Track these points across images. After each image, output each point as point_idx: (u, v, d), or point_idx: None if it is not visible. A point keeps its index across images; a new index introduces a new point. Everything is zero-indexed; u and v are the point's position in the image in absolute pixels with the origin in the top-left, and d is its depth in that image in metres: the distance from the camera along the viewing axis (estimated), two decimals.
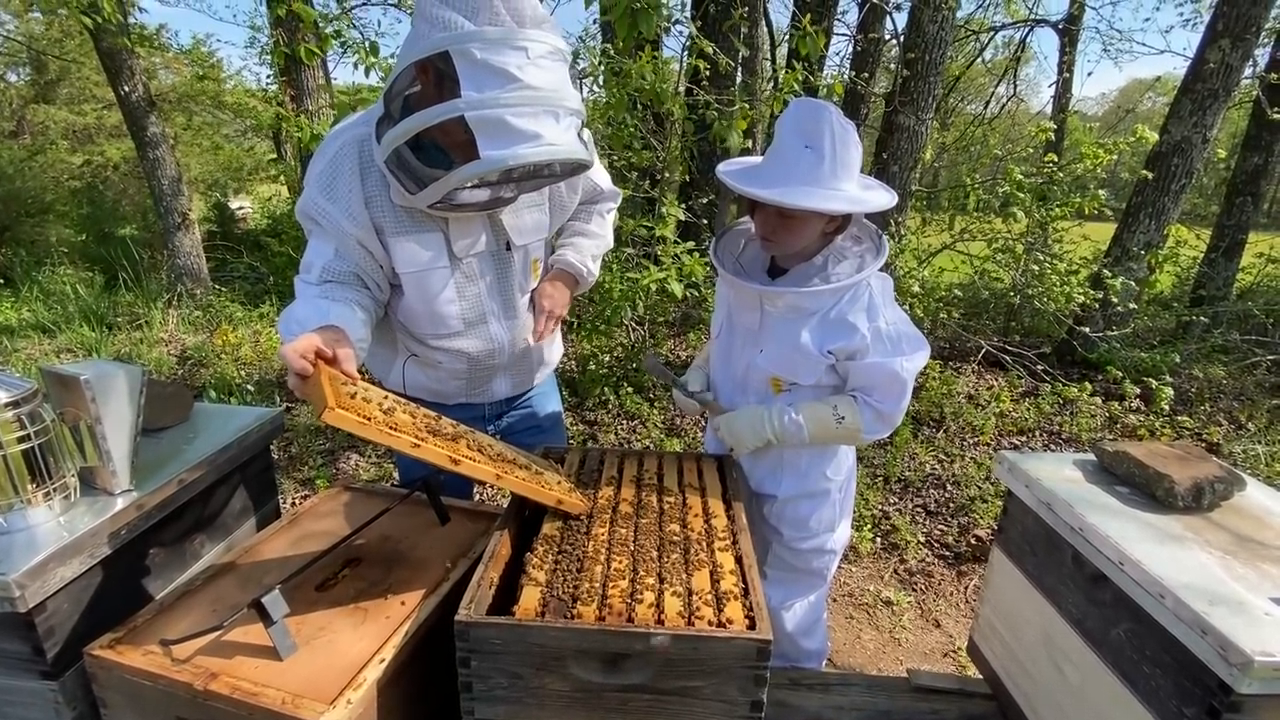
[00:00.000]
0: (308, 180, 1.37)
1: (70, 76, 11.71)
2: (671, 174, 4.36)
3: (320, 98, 5.61)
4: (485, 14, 1.15)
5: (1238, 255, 6.34)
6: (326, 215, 1.33)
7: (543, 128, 1.19)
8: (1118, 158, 4.50)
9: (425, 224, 1.39)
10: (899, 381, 1.44)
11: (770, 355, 1.50)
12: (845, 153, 1.34)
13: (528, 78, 1.17)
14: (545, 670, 1.00)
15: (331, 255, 1.35)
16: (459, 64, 1.15)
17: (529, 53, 1.18)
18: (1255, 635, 0.90)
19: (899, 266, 4.63)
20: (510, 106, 1.16)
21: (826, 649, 1.88)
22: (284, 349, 1.12)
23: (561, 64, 1.25)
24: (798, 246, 1.45)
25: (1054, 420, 4.06)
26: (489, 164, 1.18)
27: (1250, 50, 4.51)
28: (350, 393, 1.13)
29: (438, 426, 1.25)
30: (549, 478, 1.35)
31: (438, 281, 1.44)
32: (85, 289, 6.59)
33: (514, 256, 1.52)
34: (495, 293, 1.52)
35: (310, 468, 3.54)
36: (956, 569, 2.92)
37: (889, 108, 4.51)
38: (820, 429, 1.47)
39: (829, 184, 1.33)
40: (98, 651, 1.05)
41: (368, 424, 1.07)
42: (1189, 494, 1.23)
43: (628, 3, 2.66)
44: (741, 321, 1.57)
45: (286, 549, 1.36)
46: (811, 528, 1.63)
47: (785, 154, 1.36)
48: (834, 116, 1.32)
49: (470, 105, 1.15)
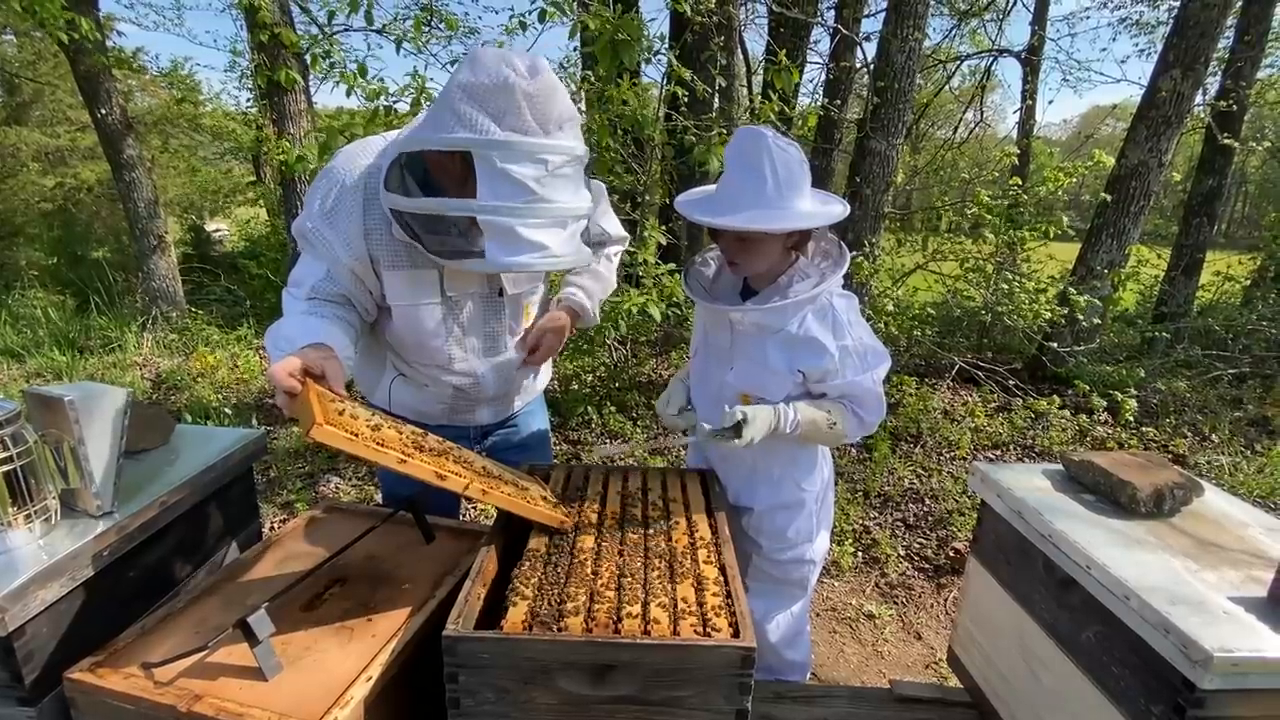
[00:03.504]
0: (309, 199, 1.39)
1: (44, 99, 11.57)
2: (652, 197, 4.44)
3: (302, 121, 5.63)
4: (512, 118, 1.18)
5: (1196, 273, 6.60)
6: (323, 239, 1.35)
7: (549, 239, 1.24)
8: (1079, 181, 4.68)
9: (422, 262, 1.40)
10: (872, 394, 1.52)
11: (740, 372, 1.55)
12: (787, 172, 1.39)
13: (544, 190, 1.21)
14: (533, 683, 1.01)
15: (323, 275, 1.37)
16: (479, 166, 1.18)
17: (549, 165, 1.21)
18: (1215, 633, 0.95)
19: (874, 286, 4.74)
20: (522, 218, 1.20)
21: (810, 661, 1.89)
22: (273, 368, 1.13)
23: (578, 168, 1.30)
24: (762, 266, 1.50)
25: (1027, 434, 4.16)
26: (492, 266, 1.25)
27: (1200, 79, 4.76)
28: (338, 409, 1.15)
29: (424, 443, 1.26)
30: (534, 493, 1.37)
31: (427, 317, 1.45)
32: (56, 312, 6.46)
33: (505, 302, 1.54)
34: (481, 333, 1.54)
35: (290, 491, 3.49)
36: (936, 581, 2.96)
37: (861, 133, 4.65)
38: (812, 430, 1.51)
39: (776, 204, 1.39)
40: (77, 675, 1.03)
41: (355, 440, 1.08)
42: (1150, 500, 1.28)
43: (609, 35, 2.74)
44: (715, 341, 1.63)
45: (271, 569, 1.35)
46: (790, 539, 1.66)
47: (732, 181, 1.43)
48: (770, 140, 1.37)
49: (484, 210, 1.19)
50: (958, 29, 9.43)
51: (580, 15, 3.32)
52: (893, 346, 5.34)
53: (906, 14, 4.35)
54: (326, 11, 5.39)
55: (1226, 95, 5.92)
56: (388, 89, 3.74)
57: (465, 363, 1.54)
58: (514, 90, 1.17)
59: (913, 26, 4.38)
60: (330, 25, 5.45)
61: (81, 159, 11.38)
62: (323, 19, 5.80)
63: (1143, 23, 10.11)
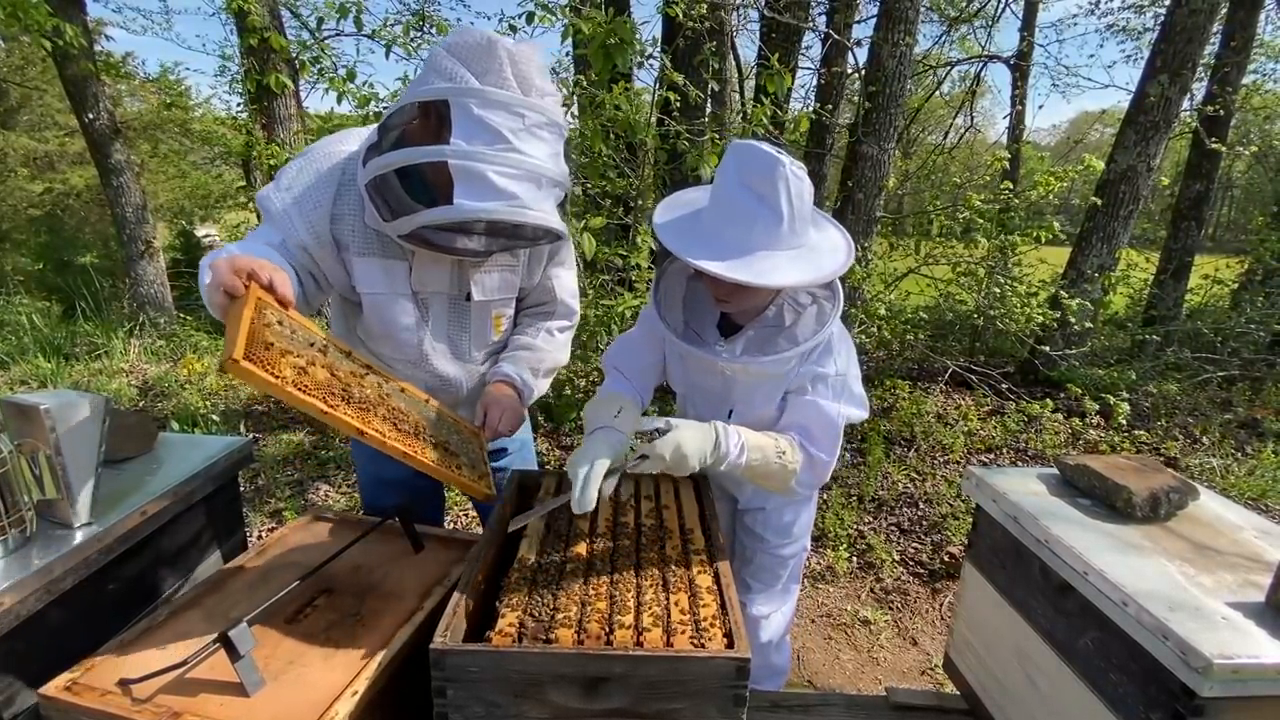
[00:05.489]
0: (280, 174, 1.37)
1: (31, 104, 11.48)
2: (645, 201, 4.43)
3: (293, 125, 5.60)
4: (493, 76, 1.19)
5: (1185, 277, 6.66)
6: (284, 214, 1.33)
7: (521, 190, 1.22)
8: (1069, 185, 4.72)
9: (393, 252, 1.39)
10: (833, 428, 1.38)
11: (742, 416, 1.45)
12: (802, 205, 1.24)
13: (518, 142, 1.20)
14: (523, 697, 0.99)
15: (277, 243, 1.34)
16: (455, 114, 1.18)
17: (525, 120, 1.21)
18: (1214, 639, 0.93)
19: (867, 290, 4.75)
20: (494, 164, 1.18)
21: (789, 664, 1.89)
22: (217, 261, 1.06)
23: (557, 138, 1.28)
24: (760, 303, 1.40)
25: (1020, 437, 4.17)
26: (460, 212, 1.19)
27: (1188, 85, 4.81)
28: (267, 342, 1.06)
29: (357, 389, 1.19)
30: (462, 460, 1.34)
31: (398, 310, 1.44)
32: (42, 319, 6.38)
33: (472, 308, 1.52)
34: (446, 337, 1.52)
35: (278, 499, 3.45)
36: (931, 586, 2.95)
37: (853, 138, 4.67)
38: (762, 463, 1.33)
39: (789, 243, 1.24)
40: (52, 693, 1.00)
41: (275, 382, 1.00)
42: (1146, 504, 1.27)
43: (602, 39, 2.73)
44: (701, 383, 1.52)
45: (255, 581, 1.32)
46: (795, 533, 1.67)
47: (735, 212, 1.24)
48: (789, 170, 1.20)
49: (456, 154, 1.17)
50: (948, 35, 9.51)
51: (572, 19, 3.32)
52: (886, 350, 5.36)
53: (897, 19, 4.37)
54: (316, 17, 5.37)
55: (1213, 100, 5.98)
56: (378, 94, 3.73)
57: (435, 361, 1.52)
58: (496, 48, 1.19)
59: (904, 32, 4.40)
60: (320, 30, 5.43)
61: (70, 164, 11.31)
62: (313, 24, 5.78)
63: (1130, 29, 10.22)
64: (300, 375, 1.09)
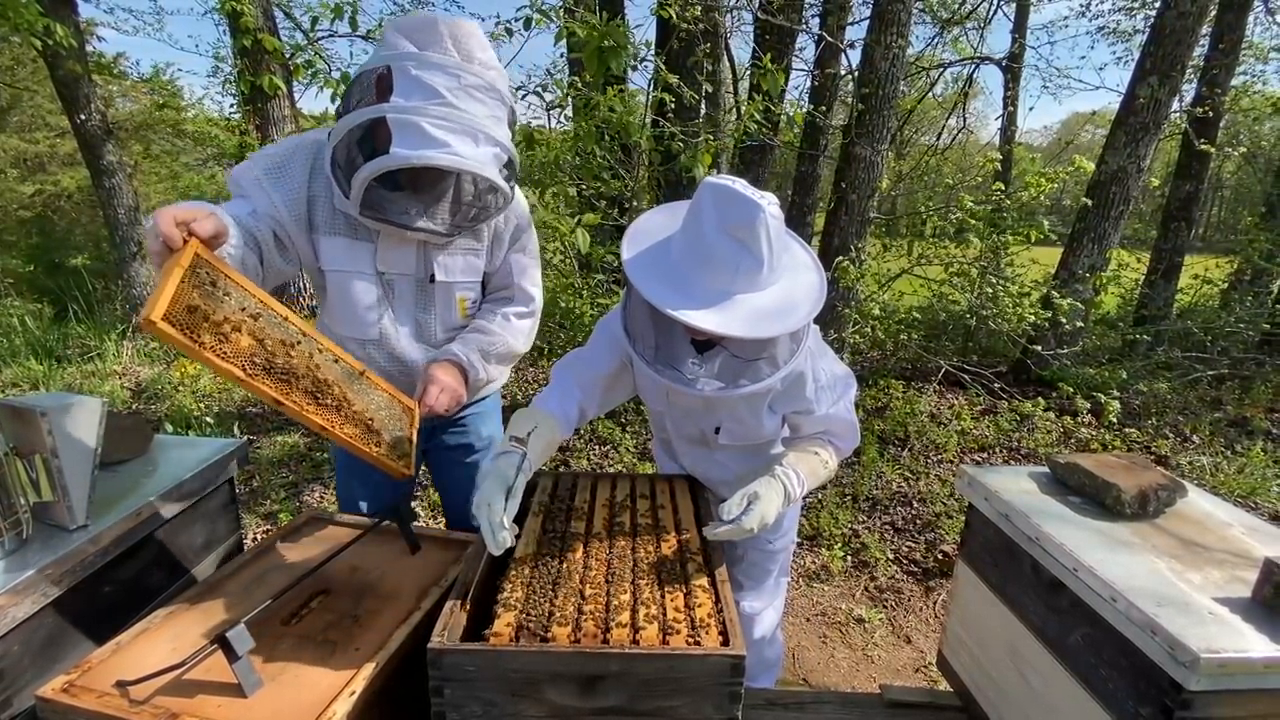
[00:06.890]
0: (255, 156, 1.41)
1: (22, 104, 11.40)
2: (639, 202, 4.44)
3: (286, 127, 5.58)
4: (435, 46, 1.28)
5: (1176, 277, 6.71)
6: (258, 185, 1.38)
7: (456, 141, 1.27)
8: (1060, 186, 4.75)
9: (361, 234, 1.45)
10: (849, 423, 1.50)
11: (731, 433, 1.51)
12: (779, 241, 1.24)
13: (454, 99, 1.27)
14: (521, 696, 0.99)
15: (247, 211, 1.36)
16: (395, 77, 1.26)
17: (461, 80, 1.28)
18: (1201, 634, 0.95)
19: (860, 291, 4.77)
20: (429, 117, 1.24)
21: (781, 657, 1.91)
22: (157, 211, 1.07)
23: (497, 103, 1.33)
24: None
25: (1012, 436, 4.19)
26: (395, 160, 1.24)
27: (1177, 86, 4.85)
28: (210, 280, 1.05)
29: (283, 359, 1.17)
30: (382, 438, 1.35)
31: (361, 290, 1.48)
32: (33, 321, 6.34)
33: (435, 290, 1.55)
34: (412, 319, 1.56)
35: (273, 501, 3.44)
36: (925, 585, 2.97)
37: (846, 140, 4.69)
38: (814, 480, 1.45)
39: (769, 281, 1.25)
40: (50, 695, 1.00)
41: (192, 346, 0.98)
42: (1135, 501, 1.29)
43: (597, 42, 2.74)
44: (682, 403, 1.52)
45: (251, 582, 1.32)
46: (784, 527, 1.70)
47: (714, 258, 1.21)
48: (768, 214, 1.18)
49: (394, 110, 1.24)
50: (940, 37, 9.57)
51: (567, 22, 3.33)
52: (880, 350, 5.39)
53: (890, 21, 4.40)
54: (310, 17, 5.35)
55: (1202, 102, 6.04)
56: None
57: (397, 343, 1.54)
58: (437, 24, 1.29)
59: (896, 34, 4.42)
60: (314, 31, 5.42)
61: (61, 165, 11.23)
62: (306, 25, 5.76)
63: (1120, 31, 10.31)
64: (220, 342, 1.06)
